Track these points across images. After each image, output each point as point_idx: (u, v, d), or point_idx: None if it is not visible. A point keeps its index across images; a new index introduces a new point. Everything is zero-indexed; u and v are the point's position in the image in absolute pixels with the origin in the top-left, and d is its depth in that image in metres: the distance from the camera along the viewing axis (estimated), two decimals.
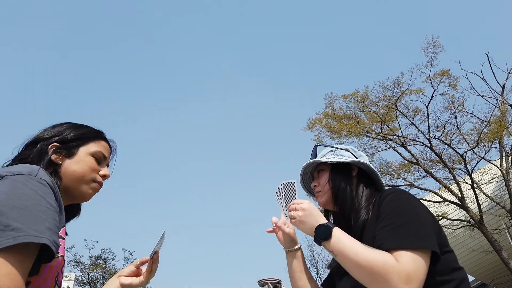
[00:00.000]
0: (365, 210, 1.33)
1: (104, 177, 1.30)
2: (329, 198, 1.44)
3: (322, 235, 1.23)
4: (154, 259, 1.41)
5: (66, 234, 1.36)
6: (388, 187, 1.43)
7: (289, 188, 1.42)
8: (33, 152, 1.22)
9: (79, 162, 1.24)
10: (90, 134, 1.31)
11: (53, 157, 1.22)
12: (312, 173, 1.58)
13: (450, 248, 1.23)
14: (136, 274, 1.43)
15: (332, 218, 1.55)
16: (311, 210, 1.29)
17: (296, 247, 1.52)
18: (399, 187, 12.76)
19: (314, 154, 1.54)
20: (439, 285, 1.16)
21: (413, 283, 1.07)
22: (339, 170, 1.45)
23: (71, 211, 1.35)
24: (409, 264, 1.08)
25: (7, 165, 1.21)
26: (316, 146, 1.56)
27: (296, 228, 1.35)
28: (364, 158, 1.51)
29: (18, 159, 1.22)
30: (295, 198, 1.40)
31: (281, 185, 1.44)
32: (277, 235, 1.53)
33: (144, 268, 1.44)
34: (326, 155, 1.52)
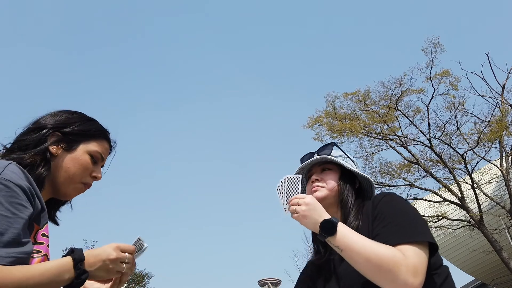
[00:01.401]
0: (355, 216, 1.36)
1: (95, 178, 1.27)
2: (329, 197, 1.44)
3: (327, 230, 1.23)
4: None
5: (58, 222, 1.30)
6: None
7: (292, 183, 1.38)
8: (32, 137, 1.18)
9: (75, 160, 1.21)
10: (95, 132, 1.28)
11: (52, 148, 1.19)
12: (311, 166, 1.55)
13: None
14: (104, 280, 1.29)
15: None
16: (315, 205, 1.28)
17: None
18: (399, 186, 12.78)
19: (330, 150, 1.52)
20: (432, 277, 1.22)
21: (419, 275, 1.11)
22: (347, 178, 1.48)
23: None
24: (415, 257, 1.13)
25: (5, 150, 1.18)
26: (333, 143, 1.55)
27: (299, 222, 1.32)
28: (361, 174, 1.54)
29: (17, 143, 1.18)
30: (298, 193, 1.36)
31: (284, 178, 1.39)
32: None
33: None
34: (338, 159, 1.50)
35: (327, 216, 1.26)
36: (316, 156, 1.51)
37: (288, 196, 1.36)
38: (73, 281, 1.01)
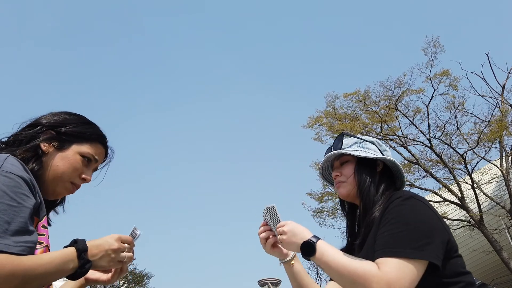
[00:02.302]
0: (378, 207, 1.33)
1: (84, 180, 1.27)
2: (352, 191, 1.43)
3: (306, 252, 1.27)
4: None
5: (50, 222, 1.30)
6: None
7: (271, 212, 1.43)
8: (27, 132, 1.19)
9: (65, 159, 1.21)
10: (90, 136, 1.28)
11: (43, 145, 1.19)
12: (332, 161, 1.54)
13: (458, 253, 1.27)
14: (104, 270, 1.33)
15: (347, 208, 1.55)
16: (293, 231, 1.32)
17: (293, 253, 1.50)
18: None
19: (339, 143, 1.50)
20: (443, 287, 1.18)
21: None
22: (365, 164, 1.43)
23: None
24: (392, 272, 1.11)
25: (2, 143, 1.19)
26: (342, 134, 1.52)
27: (288, 250, 1.42)
28: (388, 153, 1.49)
29: (12, 138, 1.19)
30: (279, 220, 1.41)
31: (264, 210, 1.45)
32: (268, 244, 1.45)
33: None
34: (352, 147, 1.47)
35: (307, 236, 1.29)
36: (336, 151, 1.47)
37: (274, 226, 1.42)
38: (77, 271, 1.04)
